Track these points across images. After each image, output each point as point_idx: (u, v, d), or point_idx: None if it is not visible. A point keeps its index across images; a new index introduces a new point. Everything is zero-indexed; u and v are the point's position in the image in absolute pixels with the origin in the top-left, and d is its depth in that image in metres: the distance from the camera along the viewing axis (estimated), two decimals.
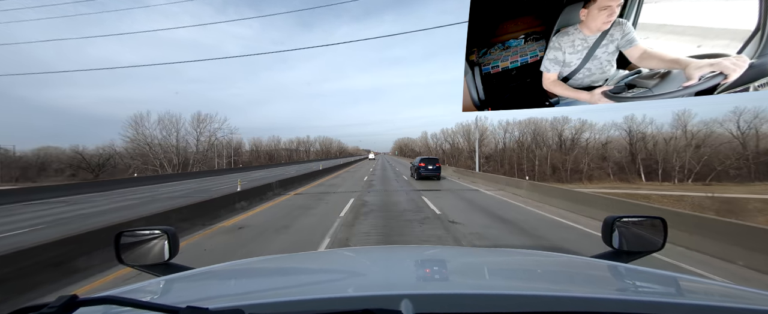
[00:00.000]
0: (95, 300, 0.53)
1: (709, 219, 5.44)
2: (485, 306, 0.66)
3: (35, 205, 12.72)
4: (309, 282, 1.02)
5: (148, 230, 1.24)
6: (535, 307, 0.65)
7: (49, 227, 8.43)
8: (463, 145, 72.42)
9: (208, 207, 8.31)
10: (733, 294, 0.82)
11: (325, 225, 7.30)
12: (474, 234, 6.36)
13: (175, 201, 12.79)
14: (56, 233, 5.94)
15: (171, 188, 19.27)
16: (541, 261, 1.32)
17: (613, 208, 7.47)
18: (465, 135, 71.05)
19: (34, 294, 3.70)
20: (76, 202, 13.47)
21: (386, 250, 1.75)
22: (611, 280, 1.01)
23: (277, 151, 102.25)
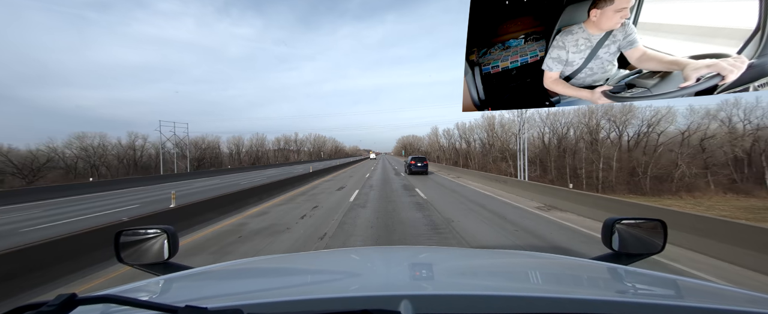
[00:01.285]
0: (94, 299, 0.53)
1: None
2: (485, 307, 0.66)
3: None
4: (308, 282, 1.02)
5: (147, 229, 1.24)
6: (534, 309, 0.65)
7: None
8: (488, 143, 54.33)
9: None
10: (733, 297, 0.82)
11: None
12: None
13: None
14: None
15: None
16: (541, 262, 1.32)
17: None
18: (489, 129, 53.96)
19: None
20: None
21: (385, 251, 1.75)
22: (611, 282, 1.01)
23: (264, 151, 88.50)
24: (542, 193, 10.50)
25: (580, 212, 8.18)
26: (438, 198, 11.07)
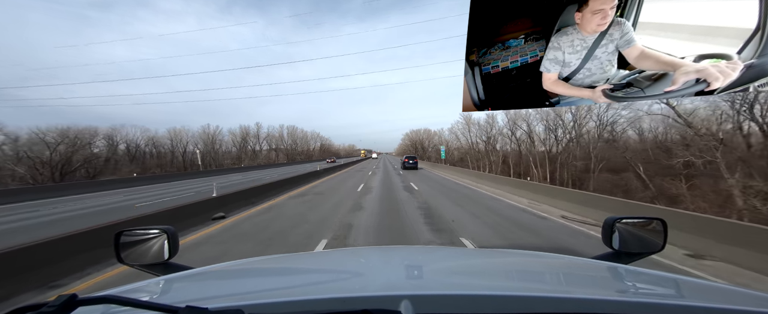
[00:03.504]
0: (95, 300, 0.53)
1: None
2: (485, 307, 0.66)
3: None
4: (308, 282, 1.02)
5: (147, 229, 1.24)
6: (534, 308, 0.65)
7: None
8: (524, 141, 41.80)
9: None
10: (733, 296, 0.82)
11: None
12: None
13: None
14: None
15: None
16: (541, 262, 1.32)
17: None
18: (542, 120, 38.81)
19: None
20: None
21: (386, 250, 1.74)
22: (611, 281, 1.01)
23: (216, 153, 60.59)
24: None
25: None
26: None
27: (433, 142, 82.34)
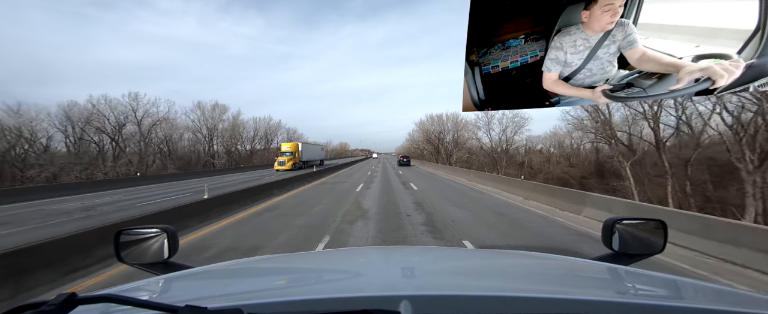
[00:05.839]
0: (94, 298, 0.53)
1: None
2: (484, 308, 0.66)
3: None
4: (308, 282, 1.02)
5: (147, 228, 1.24)
6: (534, 309, 0.65)
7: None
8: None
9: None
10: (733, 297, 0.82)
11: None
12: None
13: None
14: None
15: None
16: (541, 263, 1.32)
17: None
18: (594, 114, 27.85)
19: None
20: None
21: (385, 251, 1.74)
22: (611, 283, 1.01)
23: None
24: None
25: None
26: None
27: (460, 135, 55.67)
